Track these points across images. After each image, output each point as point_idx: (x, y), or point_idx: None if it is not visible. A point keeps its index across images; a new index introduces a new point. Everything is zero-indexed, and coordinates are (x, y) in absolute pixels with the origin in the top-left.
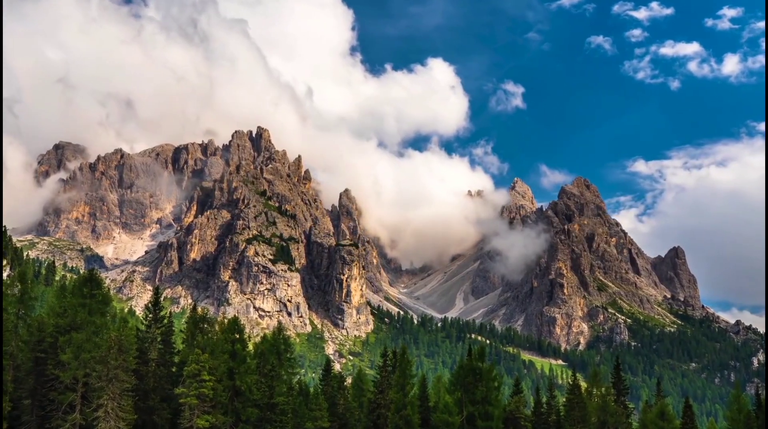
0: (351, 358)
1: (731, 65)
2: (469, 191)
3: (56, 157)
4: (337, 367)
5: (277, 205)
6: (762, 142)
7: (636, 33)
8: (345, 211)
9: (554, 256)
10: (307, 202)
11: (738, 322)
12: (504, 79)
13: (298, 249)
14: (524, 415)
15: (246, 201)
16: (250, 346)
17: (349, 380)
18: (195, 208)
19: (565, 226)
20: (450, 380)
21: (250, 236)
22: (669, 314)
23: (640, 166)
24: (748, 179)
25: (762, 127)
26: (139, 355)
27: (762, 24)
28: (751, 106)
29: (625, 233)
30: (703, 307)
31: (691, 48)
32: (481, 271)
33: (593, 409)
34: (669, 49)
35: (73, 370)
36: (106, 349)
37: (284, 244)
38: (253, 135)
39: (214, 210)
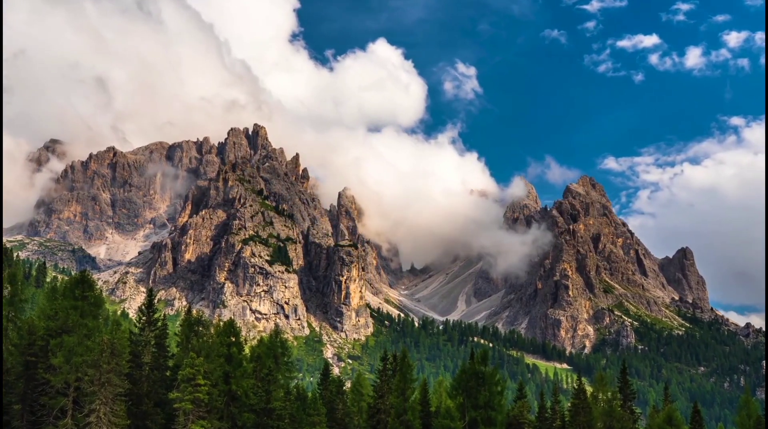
0: (350, 361)
1: (694, 58)
2: (471, 190)
3: (47, 154)
4: (335, 371)
5: (274, 204)
6: (734, 138)
7: (590, 26)
8: (344, 211)
9: (559, 257)
10: (305, 201)
11: (748, 325)
12: (458, 66)
13: (295, 250)
14: (528, 420)
15: (242, 200)
16: (247, 350)
17: (348, 384)
18: (190, 207)
19: (570, 226)
20: (452, 384)
21: (247, 236)
22: (677, 316)
23: (611, 163)
24: (725, 175)
25: (734, 121)
26: (133, 359)
27: (720, 18)
28: (719, 100)
29: (632, 233)
30: (711, 309)
31: (651, 40)
32: (483, 272)
33: (599, 415)
34: (627, 42)
35: (64, 374)
36: (99, 352)
37: (281, 245)
38: (250, 133)
39: (210, 209)
